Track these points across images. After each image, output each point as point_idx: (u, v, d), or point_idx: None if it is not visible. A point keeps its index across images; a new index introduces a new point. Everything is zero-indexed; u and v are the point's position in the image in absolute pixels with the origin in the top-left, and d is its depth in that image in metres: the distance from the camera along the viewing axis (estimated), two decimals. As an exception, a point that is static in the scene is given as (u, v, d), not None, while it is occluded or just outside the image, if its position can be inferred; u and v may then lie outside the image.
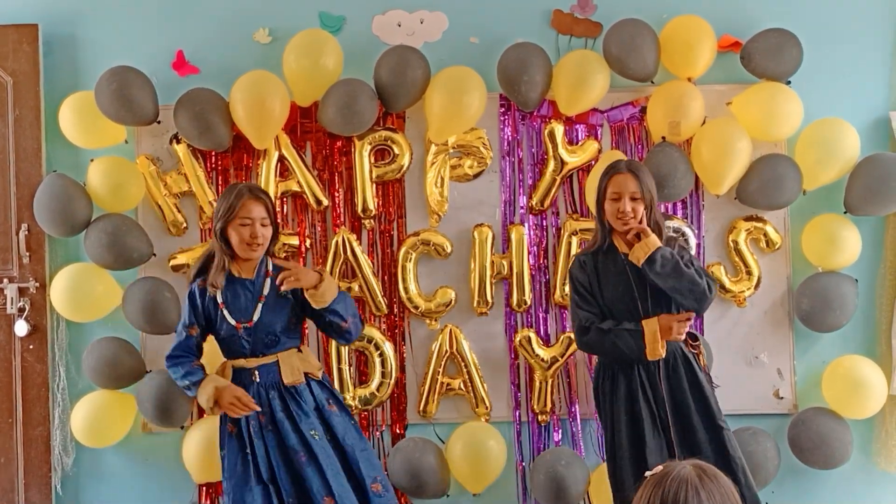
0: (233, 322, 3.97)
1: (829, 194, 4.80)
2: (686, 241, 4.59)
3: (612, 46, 4.66)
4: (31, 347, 4.86)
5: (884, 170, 4.63)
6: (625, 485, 3.98)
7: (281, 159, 4.81)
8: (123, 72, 4.65)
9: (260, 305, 3.98)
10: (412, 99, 4.73)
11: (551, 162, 4.81)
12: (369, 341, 4.80)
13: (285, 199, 4.86)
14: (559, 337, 4.81)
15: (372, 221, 4.86)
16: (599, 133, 4.86)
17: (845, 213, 4.75)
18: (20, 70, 4.84)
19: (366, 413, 4.85)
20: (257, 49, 4.89)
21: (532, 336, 4.79)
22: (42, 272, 4.86)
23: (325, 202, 4.84)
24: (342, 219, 4.86)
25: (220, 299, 3.99)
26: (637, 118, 4.86)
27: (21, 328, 4.81)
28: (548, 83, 4.71)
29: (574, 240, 4.78)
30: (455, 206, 4.87)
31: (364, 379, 4.85)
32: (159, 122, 4.78)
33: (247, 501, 3.90)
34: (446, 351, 4.81)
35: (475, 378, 4.82)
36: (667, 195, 4.68)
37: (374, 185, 4.84)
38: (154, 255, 4.77)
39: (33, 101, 4.84)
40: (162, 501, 4.91)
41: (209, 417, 4.45)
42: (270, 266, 4.06)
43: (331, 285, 4.01)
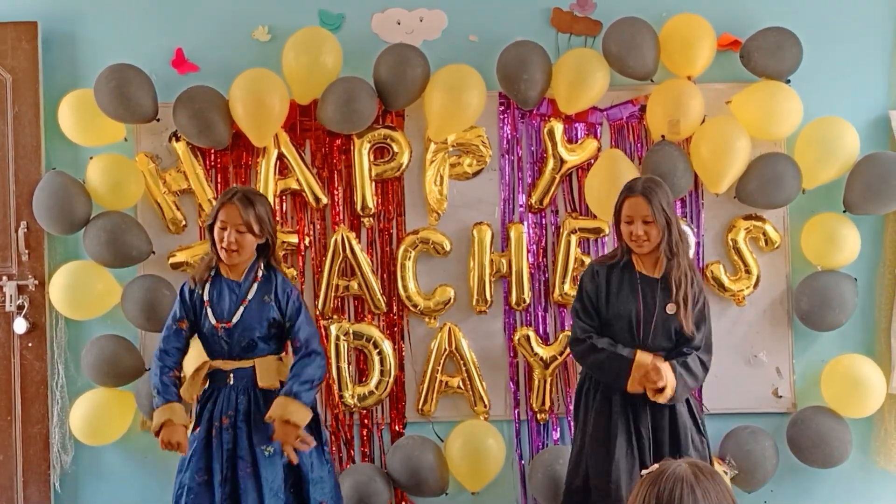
0: (213, 321, 3.94)
1: (829, 193, 4.80)
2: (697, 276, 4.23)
3: (612, 45, 4.66)
4: (30, 345, 4.86)
5: (883, 169, 4.63)
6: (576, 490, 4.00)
7: (280, 157, 4.81)
8: (123, 69, 4.65)
9: (242, 308, 3.95)
10: (411, 97, 4.73)
11: (550, 160, 4.81)
12: (368, 340, 4.80)
13: (284, 197, 4.86)
14: (558, 335, 4.81)
15: (371, 219, 4.86)
16: (599, 131, 4.86)
17: (844, 212, 4.75)
18: (19, 67, 4.84)
19: (365, 411, 4.85)
20: (257, 47, 4.89)
21: (531, 334, 4.79)
22: (41, 270, 4.86)
23: (325, 200, 4.84)
24: (341, 217, 4.86)
25: (206, 297, 3.98)
26: (636, 117, 4.86)
27: (20, 326, 4.81)
28: (547, 81, 4.71)
29: (573, 238, 4.78)
30: (454, 205, 4.87)
31: (363, 377, 4.85)
32: (158, 120, 4.78)
33: (200, 496, 3.89)
34: (445, 349, 4.81)
35: (474, 376, 4.82)
36: (666, 193, 4.69)
37: (374, 184, 4.84)
38: (153, 253, 4.77)
39: (32, 99, 4.84)
40: (161, 499, 4.89)
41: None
42: (261, 273, 4.01)
43: (300, 413, 3.86)
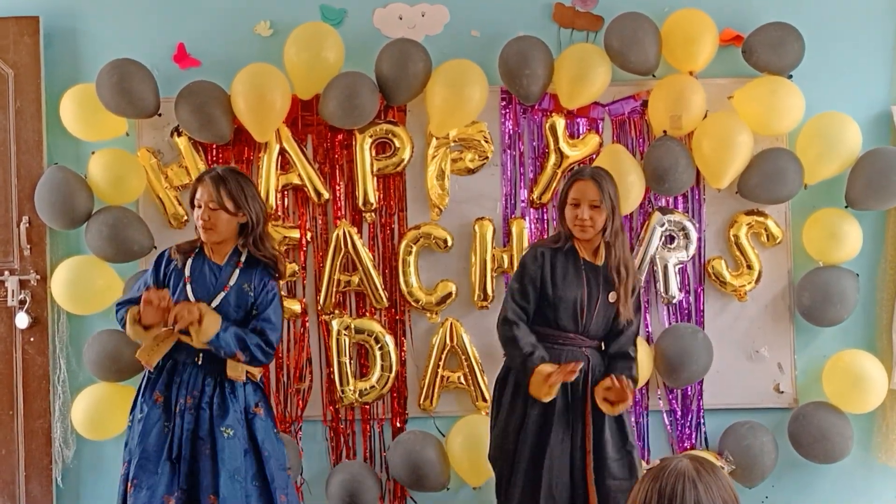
0: (192, 298, 3.88)
1: (831, 188, 4.80)
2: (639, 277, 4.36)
3: (614, 40, 4.65)
4: (32, 340, 4.86)
5: (885, 164, 4.63)
6: (516, 483, 3.94)
7: (282, 152, 4.81)
8: (124, 64, 4.64)
9: (222, 294, 3.90)
10: (413, 92, 4.73)
11: (552, 155, 4.81)
12: (370, 335, 4.81)
13: (286, 192, 4.86)
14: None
15: (373, 215, 4.86)
16: (601, 127, 4.86)
17: (846, 208, 4.74)
18: (21, 62, 4.84)
19: (366, 406, 4.86)
20: (258, 42, 4.89)
21: (532, 330, 4.79)
22: (43, 265, 4.86)
23: (326, 195, 4.84)
24: (343, 212, 4.86)
25: (188, 273, 3.92)
26: (638, 112, 4.86)
27: (22, 320, 4.81)
28: (549, 77, 4.70)
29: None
30: (456, 200, 4.87)
31: (364, 372, 4.85)
32: (160, 115, 4.78)
33: (149, 471, 3.82)
34: (447, 344, 4.81)
35: (476, 371, 4.82)
36: (668, 189, 4.69)
37: (375, 179, 4.84)
38: (155, 248, 4.76)
39: (34, 94, 4.84)
40: (162, 494, 4.92)
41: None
42: (244, 258, 3.96)
43: (212, 322, 3.81)
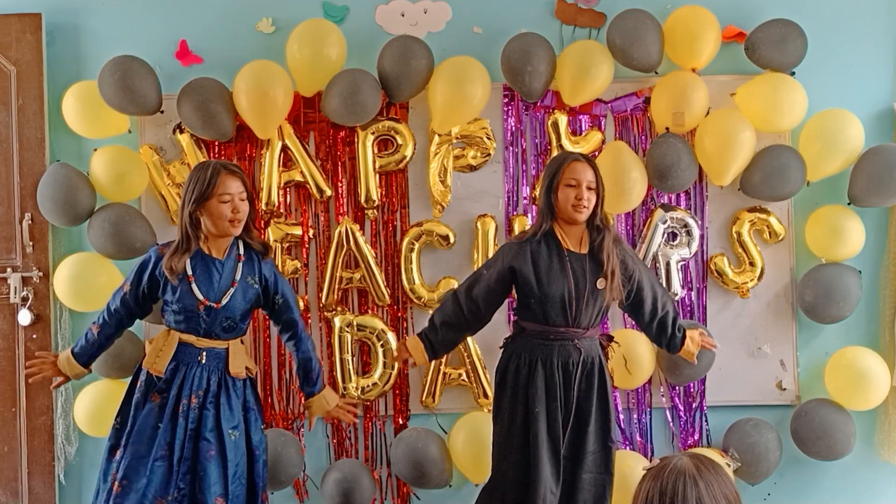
0: (200, 297, 3.84)
1: (833, 185, 4.80)
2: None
3: (616, 37, 4.65)
4: (35, 337, 4.87)
5: (888, 161, 4.62)
6: (505, 476, 3.96)
7: (284, 149, 4.81)
8: (127, 61, 4.65)
9: (232, 290, 3.88)
10: (415, 89, 4.72)
11: (554, 152, 4.80)
12: (372, 332, 4.81)
13: (288, 189, 4.86)
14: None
15: (375, 212, 4.86)
16: (603, 124, 4.86)
17: (849, 205, 4.74)
18: (23, 59, 4.84)
19: (368, 403, 4.86)
20: (261, 39, 4.89)
21: (535, 327, 4.79)
22: (45, 261, 4.87)
23: (329, 192, 4.84)
24: (345, 209, 4.86)
25: (190, 272, 3.85)
26: (641, 109, 4.85)
27: (24, 317, 4.82)
28: (551, 73, 4.70)
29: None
30: (458, 197, 4.87)
31: (367, 369, 4.86)
32: (162, 112, 4.79)
33: (140, 473, 3.78)
34: (449, 341, 4.81)
35: (478, 368, 4.82)
36: (670, 186, 4.69)
37: (378, 176, 4.84)
38: (157, 245, 4.77)
39: (36, 91, 4.84)
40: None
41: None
42: (242, 250, 3.95)
43: (331, 395, 4.22)
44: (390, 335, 4.81)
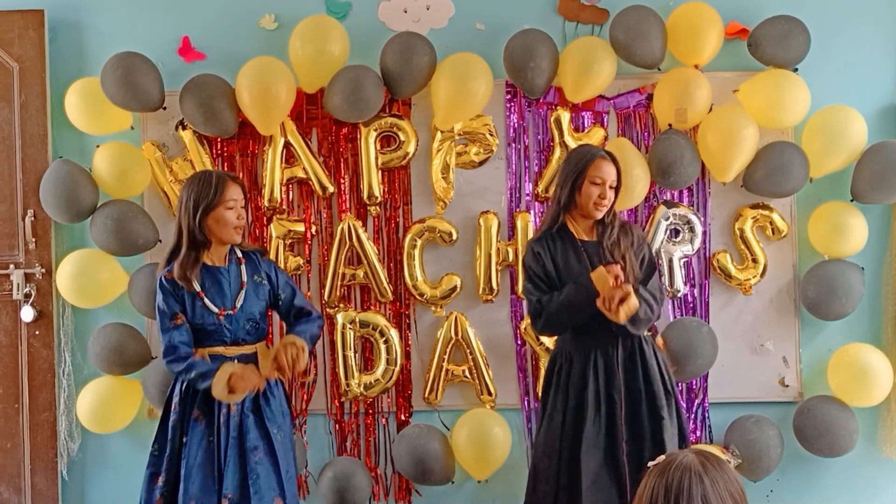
0: (216, 310, 3.86)
1: (836, 182, 4.79)
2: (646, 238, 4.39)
3: (619, 33, 4.64)
4: (37, 333, 4.87)
5: (890, 157, 4.62)
6: (543, 478, 3.95)
7: (287, 146, 4.81)
8: (129, 58, 4.64)
9: (243, 292, 3.91)
10: (418, 86, 4.72)
11: (557, 149, 4.80)
12: (374, 328, 4.81)
13: (291, 186, 4.86)
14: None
15: (377, 208, 4.86)
16: (606, 120, 4.85)
17: (852, 201, 4.74)
18: (26, 56, 4.84)
19: (371, 400, 4.86)
20: (263, 35, 4.89)
21: (537, 323, 4.79)
22: (48, 258, 4.87)
23: (331, 189, 4.84)
24: (348, 205, 4.86)
25: (198, 288, 3.85)
26: (643, 105, 4.85)
27: (27, 314, 4.82)
28: (554, 70, 4.70)
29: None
30: (461, 193, 4.87)
31: (369, 366, 4.86)
32: (165, 109, 4.78)
33: (207, 489, 3.77)
34: (451, 338, 4.81)
35: (480, 365, 4.82)
36: (673, 183, 4.68)
37: (380, 172, 4.84)
38: (160, 242, 4.77)
39: (39, 87, 4.84)
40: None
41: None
42: (239, 252, 3.98)
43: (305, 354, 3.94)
44: (393, 332, 4.81)
